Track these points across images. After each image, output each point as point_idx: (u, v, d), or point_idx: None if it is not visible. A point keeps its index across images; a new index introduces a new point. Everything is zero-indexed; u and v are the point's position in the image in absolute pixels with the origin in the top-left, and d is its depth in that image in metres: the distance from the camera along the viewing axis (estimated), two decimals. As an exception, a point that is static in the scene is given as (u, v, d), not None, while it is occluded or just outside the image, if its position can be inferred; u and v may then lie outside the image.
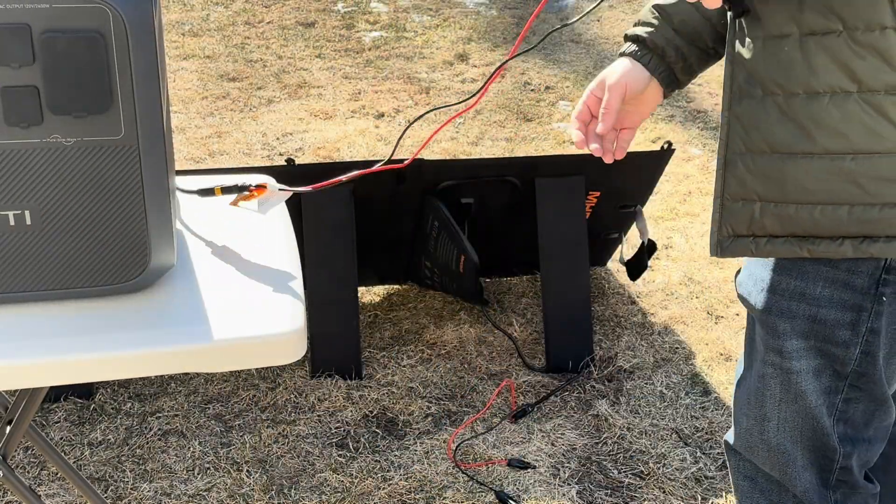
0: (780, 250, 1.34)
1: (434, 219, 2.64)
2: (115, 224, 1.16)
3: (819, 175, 1.28)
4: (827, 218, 1.29)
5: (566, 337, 2.70)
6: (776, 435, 1.46)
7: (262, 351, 1.17)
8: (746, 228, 1.36)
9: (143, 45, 1.08)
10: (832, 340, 1.37)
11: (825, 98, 1.26)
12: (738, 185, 1.35)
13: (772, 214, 1.33)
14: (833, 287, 1.34)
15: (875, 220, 1.26)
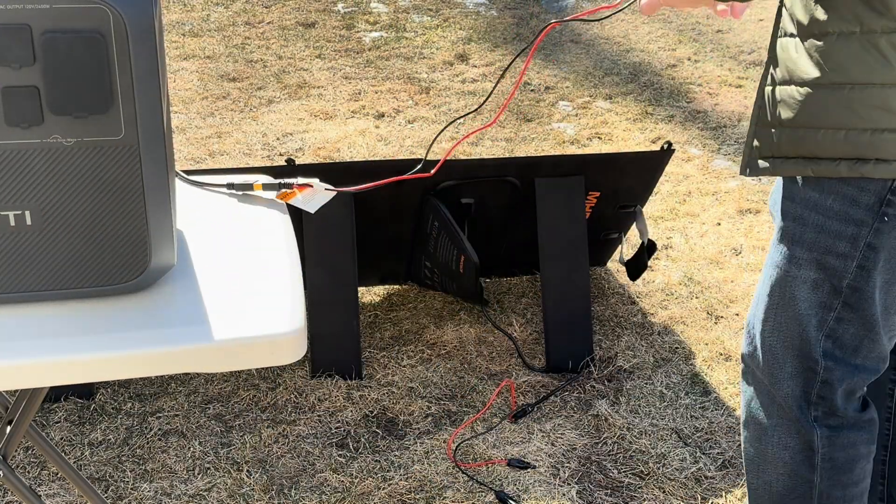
0: (791, 169, 1.53)
1: (434, 219, 2.64)
2: (115, 224, 1.16)
3: (823, 103, 1.46)
4: (828, 140, 1.47)
5: (566, 337, 2.70)
6: (769, 337, 1.61)
7: (262, 351, 1.17)
8: (768, 150, 1.55)
9: (144, 45, 1.08)
10: (832, 251, 1.52)
11: (832, 37, 1.45)
12: (769, 113, 1.54)
13: (787, 138, 1.51)
14: (843, 201, 1.49)
15: (866, 144, 1.44)
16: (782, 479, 1.67)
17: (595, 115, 4.29)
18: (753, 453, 1.71)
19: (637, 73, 4.76)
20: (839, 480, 1.63)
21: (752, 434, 1.71)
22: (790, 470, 1.65)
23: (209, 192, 1.50)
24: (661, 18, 5.39)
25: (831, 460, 1.62)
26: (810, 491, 1.64)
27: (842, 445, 1.62)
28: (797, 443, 1.63)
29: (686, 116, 4.32)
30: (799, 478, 1.65)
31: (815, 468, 1.63)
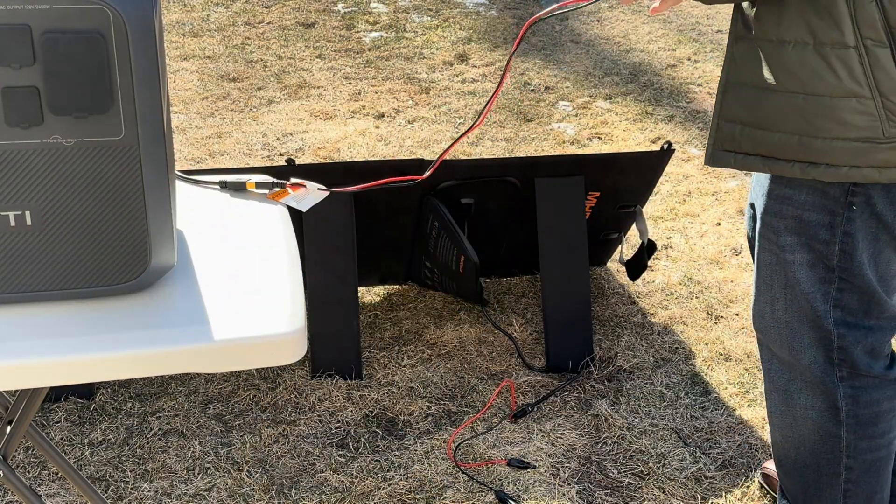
0: (751, 165, 1.63)
1: (434, 219, 2.64)
2: (115, 224, 1.16)
3: (779, 108, 1.56)
4: (783, 143, 1.57)
5: (566, 337, 2.70)
6: (784, 314, 1.74)
7: (262, 351, 1.18)
8: (730, 145, 1.64)
9: (144, 45, 1.08)
10: (816, 238, 1.65)
11: (790, 46, 1.53)
12: (728, 109, 1.63)
13: (747, 136, 1.61)
14: (814, 194, 1.62)
15: (817, 150, 1.54)
16: (812, 436, 1.80)
17: (595, 115, 4.29)
18: (781, 415, 1.84)
19: (637, 73, 4.76)
20: (865, 433, 1.76)
21: (778, 398, 1.83)
22: (818, 426, 1.78)
23: (209, 193, 1.50)
24: (661, 18, 5.39)
25: (855, 416, 1.75)
26: (839, 444, 1.78)
27: (865, 403, 1.74)
28: (822, 403, 1.76)
29: (686, 116, 4.32)
30: (827, 433, 1.78)
31: (841, 424, 1.76)
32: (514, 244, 2.88)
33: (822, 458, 1.81)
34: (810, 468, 1.84)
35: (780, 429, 1.87)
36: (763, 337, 1.83)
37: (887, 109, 1.50)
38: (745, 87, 1.60)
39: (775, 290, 1.74)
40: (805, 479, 1.86)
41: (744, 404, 2.54)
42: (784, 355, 1.79)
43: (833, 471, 1.80)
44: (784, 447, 1.88)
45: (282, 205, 1.49)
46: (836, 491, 1.82)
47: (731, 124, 1.64)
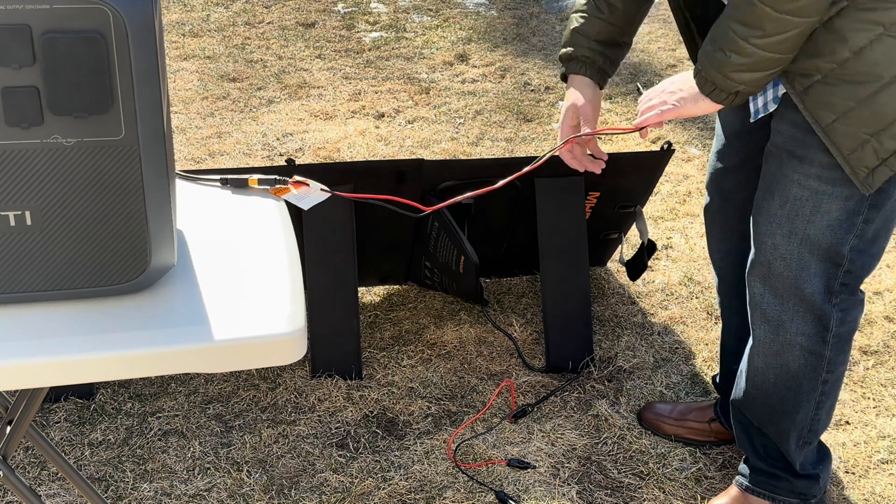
0: None
1: (434, 219, 2.64)
2: (115, 224, 1.16)
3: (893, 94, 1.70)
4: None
5: (566, 337, 2.70)
6: (799, 246, 1.86)
7: (263, 351, 1.18)
8: (876, 159, 1.75)
9: (143, 45, 1.08)
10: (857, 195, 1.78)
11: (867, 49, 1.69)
12: (849, 140, 1.75)
13: (888, 137, 1.73)
14: None
15: None
16: (798, 360, 1.96)
17: (595, 116, 4.28)
18: (768, 344, 1.98)
19: (637, 73, 4.76)
20: (843, 349, 1.96)
21: (768, 328, 1.97)
22: (807, 350, 1.95)
23: (209, 193, 1.50)
24: (661, 18, 5.39)
25: (838, 335, 1.94)
26: (822, 362, 1.95)
27: (849, 321, 1.94)
28: (813, 328, 1.92)
29: (686, 116, 4.32)
30: (814, 354, 1.95)
31: (826, 343, 1.94)
32: (514, 244, 2.88)
33: (804, 378, 1.98)
34: (790, 389, 2.00)
35: (763, 356, 2.01)
36: (763, 275, 1.94)
37: None
38: (850, 112, 1.72)
39: (797, 224, 1.86)
40: (782, 399, 2.02)
41: (744, 404, 2.55)
42: (782, 289, 1.92)
43: (812, 387, 1.98)
44: (763, 373, 2.03)
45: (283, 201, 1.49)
46: (811, 405, 2.01)
47: (862, 147, 1.74)
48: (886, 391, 2.58)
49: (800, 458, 2.08)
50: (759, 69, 1.73)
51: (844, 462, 2.34)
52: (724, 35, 1.74)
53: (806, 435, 2.05)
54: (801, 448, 2.07)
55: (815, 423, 2.04)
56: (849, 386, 2.61)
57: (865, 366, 2.69)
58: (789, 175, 1.86)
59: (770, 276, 1.94)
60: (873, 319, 2.88)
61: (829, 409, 2.05)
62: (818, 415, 2.03)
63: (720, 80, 1.77)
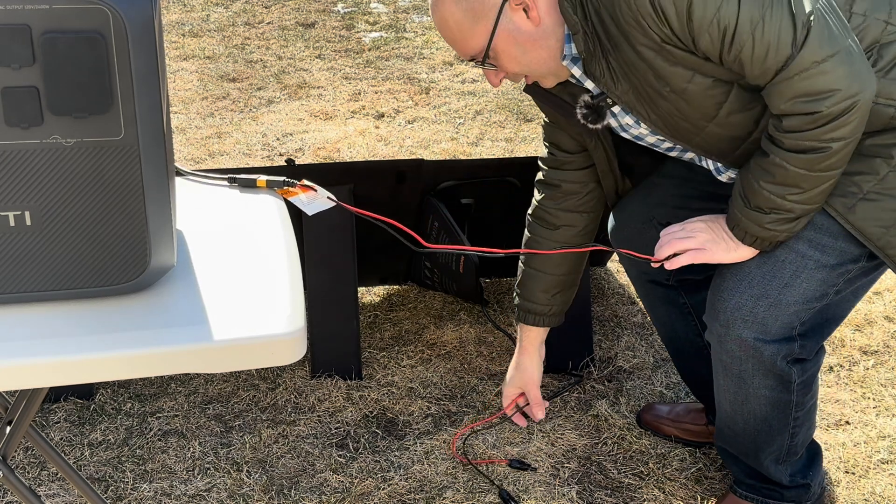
0: None
1: (434, 219, 2.64)
2: (115, 224, 1.16)
3: None
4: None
5: (566, 337, 2.70)
6: (764, 312, 1.83)
7: (262, 351, 1.18)
8: None
9: (143, 45, 1.08)
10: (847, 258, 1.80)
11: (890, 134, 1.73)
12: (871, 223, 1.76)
13: None
14: None
15: None
16: (764, 408, 1.96)
17: (595, 116, 4.29)
18: (732, 394, 1.97)
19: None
20: (808, 389, 1.97)
21: (731, 381, 1.95)
22: (771, 400, 1.95)
23: (209, 193, 1.50)
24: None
25: (802, 383, 1.94)
26: (789, 406, 1.96)
27: (809, 368, 1.94)
28: (775, 382, 1.92)
29: (686, 116, 4.32)
30: (778, 402, 1.95)
31: (792, 391, 1.94)
32: (514, 244, 2.88)
33: (774, 420, 1.98)
34: (760, 431, 2.00)
35: (730, 404, 2.00)
36: (729, 324, 1.89)
37: None
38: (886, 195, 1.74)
39: (771, 286, 1.83)
40: (754, 440, 2.02)
41: (744, 404, 2.55)
42: (740, 350, 1.89)
43: (783, 425, 1.99)
44: (733, 418, 2.02)
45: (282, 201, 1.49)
46: (785, 436, 2.01)
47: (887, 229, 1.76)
48: (886, 391, 2.59)
49: (786, 475, 2.07)
50: (802, 216, 1.75)
51: (844, 462, 2.34)
52: (758, 195, 1.74)
53: (786, 456, 2.05)
54: (784, 467, 2.06)
55: (791, 447, 2.03)
56: (849, 386, 2.61)
57: (865, 366, 2.69)
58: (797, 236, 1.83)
59: (727, 339, 1.89)
60: (873, 319, 2.88)
61: (805, 432, 2.04)
62: (794, 442, 2.03)
63: (761, 232, 1.78)
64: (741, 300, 1.85)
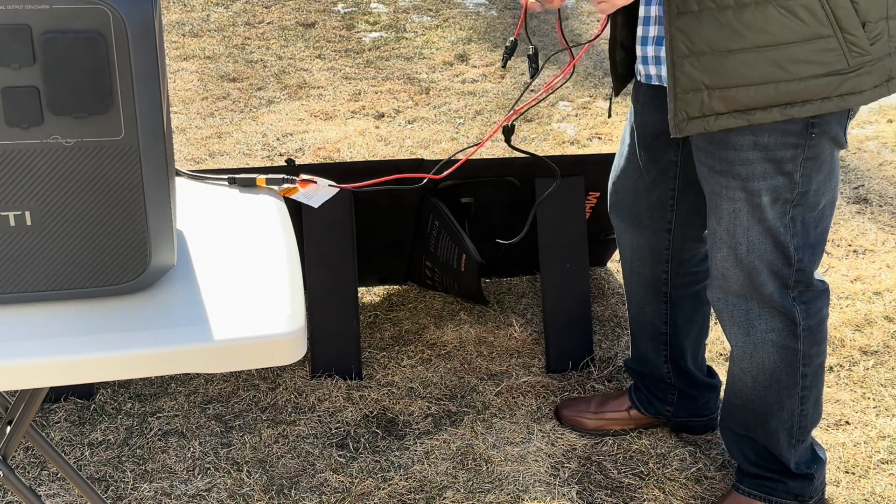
0: (726, 123, 1.78)
1: (434, 218, 2.64)
2: (115, 224, 1.16)
3: (751, 63, 1.73)
4: (760, 94, 1.74)
5: (566, 337, 2.70)
6: (748, 255, 1.91)
7: (262, 351, 1.18)
8: (698, 111, 1.78)
9: (143, 45, 1.08)
10: (782, 172, 1.83)
11: (751, 7, 1.70)
12: (687, 80, 1.77)
13: (718, 97, 1.76)
14: (778, 134, 1.80)
15: (792, 91, 1.74)
16: (773, 357, 2.00)
17: (595, 116, 4.29)
18: (741, 347, 2.02)
19: (637, 73, 4.76)
20: (815, 340, 2.00)
21: (739, 331, 2.01)
22: (779, 346, 1.99)
23: (209, 193, 1.50)
24: (661, 18, 5.39)
25: (809, 328, 1.98)
26: (796, 356, 1.99)
27: (814, 312, 1.98)
28: (781, 323, 1.97)
29: (686, 116, 4.32)
30: (786, 349, 1.99)
31: (798, 337, 1.98)
32: (515, 244, 2.88)
33: (782, 374, 2.01)
34: (769, 388, 2.04)
35: (738, 361, 2.05)
36: (722, 286, 1.98)
37: (849, 43, 1.72)
38: (703, 55, 1.74)
39: (738, 236, 1.90)
40: (764, 401, 2.05)
41: (744, 404, 2.55)
42: (742, 291, 1.96)
43: (792, 382, 2.02)
44: (741, 379, 2.07)
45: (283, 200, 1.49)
46: (794, 400, 2.04)
47: (693, 93, 1.77)
48: (886, 391, 2.59)
49: (793, 456, 2.10)
50: None
51: (844, 462, 2.34)
52: None
53: (796, 432, 2.07)
54: (793, 447, 2.09)
55: (802, 419, 2.06)
56: (849, 386, 2.61)
57: (865, 366, 2.69)
58: (717, 191, 1.91)
59: (728, 286, 1.97)
60: (873, 319, 2.88)
61: (814, 403, 2.07)
62: (804, 410, 2.06)
63: None
64: (724, 254, 1.94)
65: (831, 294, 2.99)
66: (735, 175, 1.86)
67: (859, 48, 1.73)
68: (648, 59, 1.97)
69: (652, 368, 2.39)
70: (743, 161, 1.84)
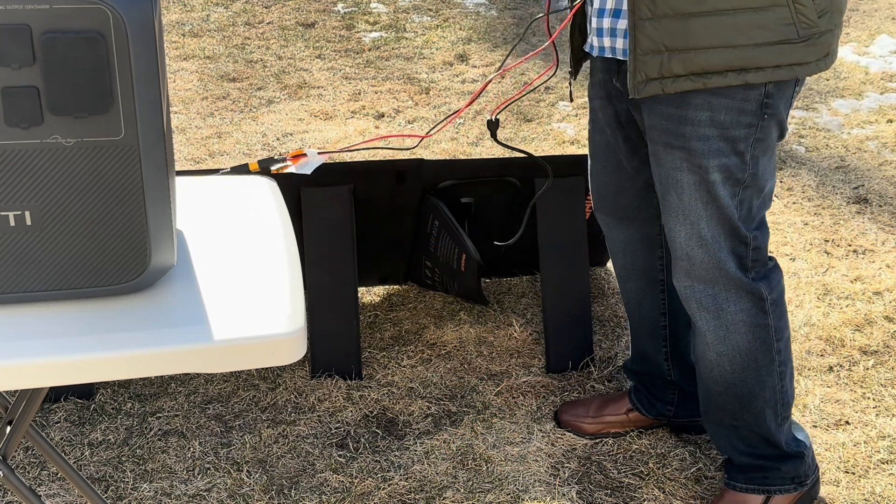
0: (683, 85, 1.83)
1: (434, 218, 2.64)
2: (115, 224, 1.16)
3: (710, 27, 1.78)
4: (717, 57, 1.80)
5: (566, 337, 2.70)
6: (709, 230, 1.95)
7: (262, 351, 1.18)
8: (657, 72, 1.83)
9: (143, 45, 1.08)
10: (735, 151, 1.89)
11: None
12: (648, 41, 1.81)
13: (677, 59, 1.81)
14: (733, 113, 1.86)
15: (749, 57, 1.80)
16: (747, 336, 2.04)
17: (595, 116, 4.29)
18: (714, 332, 2.05)
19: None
20: (780, 314, 2.06)
21: (710, 317, 2.04)
22: (751, 325, 2.03)
23: (209, 193, 1.50)
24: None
25: (774, 302, 2.04)
26: (769, 332, 2.04)
27: (775, 286, 2.04)
28: (749, 302, 2.01)
29: (686, 116, 4.32)
30: (759, 327, 2.04)
31: (767, 313, 2.03)
32: (514, 244, 2.88)
33: (759, 353, 2.06)
34: (748, 369, 2.07)
35: (713, 346, 2.07)
36: (686, 269, 2.01)
37: (799, 13, 1.79)
38: (665, 18, 1.79)
39: (699, 211, 1.94)
40: (745, 383, 2.08)
41: (744, 404, 2.55)
42: (708, 275, 2.00)
43: (769, 359, 2.07)
44: (719, 364, 2.09)
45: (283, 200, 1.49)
46: (774, 378, 2.08)
47: (653, 55, 1.82)
48: (886, 391, 2.59)
49: (783, 436, 2.13)
50: None
51: (844, 462, 2.34)
52: None
53: (780, 409, 2.11)
54: (780, 425, 2.12)
55: (783, 395, 2.10)
56: (849, 386, 2.61)
57: (865, 366, 2.69)
58: (676, 165, 1.94)
59: (693, 268, 2.00)
60: (873, 319, 2.88)
61: (790, 378, 2.12)
62: (783, 385, 2.10)
63: None
64: (688, 231, 1.98)
65: (831, 294, 2.99)
66: (691, 151, 1.90)
67: (808, 19, 1.80)
68: (604, 31, 1.99)
69: (652, 367, 2.38)
70: (700, 137, 1.88)
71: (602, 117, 2.14)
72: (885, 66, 4.81)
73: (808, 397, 2.56)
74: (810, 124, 4.20)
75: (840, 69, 4.78)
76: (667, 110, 1.90)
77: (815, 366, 2.68)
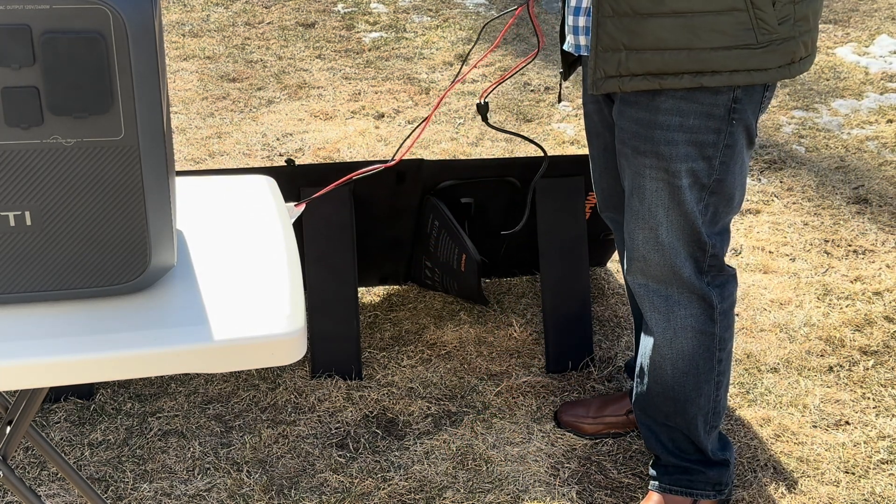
0: (640, 84, 1.85)
1: (434, 218, 2.64)
2: (115, 224, 1.16)
3: (667, 28, 1.79)
4: (673, 59, 1.80)
5: (566, 337, 2.70)
6: (668, 235, 1.97)
7: (262, 351, 1.18)
8: (615, 70, 1.84)
9: (143, 45, 1.08)
10: (702, 156, 1.90)
11: None
12: (608, 39, 1.83)
13: (634, 59, 1.82)
14: (702, 117, 1.87)
15: (705, 60, 1.80)
16: (692, 342, 2.06)
17: (595, 116, 4.29)
18: (661, 334, 2.07)
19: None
20: (728, 324, 2.08)
21: (660, 318, 2.06)
22: (698, 331, 2.05)
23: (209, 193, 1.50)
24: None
25: (723, 311, 2.06)
26: (713, 340, 2.07)
27: (727, 296, 2.06)
28: (699, 308, 2.04)
29: (686, 116, 4.32)
30: (705, 334, 2.06)
31: (715, 321, 2.05)
32: (514, 244, 2.88)
33: (700, 360, 2.08)
34: (688, 374, 2.09)
35: (659, 349, 2.10)
36: (642, 269, 2.03)
37: (759, 19, 1.79)
38: (625, 17, 1.80)
39: (659, 216, 1.96)
40: (683, 387, 2.10)
41: (743, 404, 2.54)
42: (662, 276, 2.02)
43: (709, 367, 2.09)
44: (661, 365, 2.11)
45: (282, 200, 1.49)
46: (711, 386, 2.11)
47: (612, 53, 1.83)
48: (886, 391, 2.59)
49: (709, 443, 2.15)
50: None
51: (844, 462, 2.34)
52: None
53: (711, 419, 2.13)
54: (708, 434, 2.14)
55: (717, 404, 2.13)
56: (849, 386, 2.61)
57: (865, 366, 2.69)
58: (640, 171, 1.95)
59: (648, 268, 2.02)
60: (873, 319, 2.88)
61: (726, 389, 2.15)
62: (718, 395, 2.13)
63: None
64: (646, 234, 1.99)
65: (831, 294, 2.99)
66: (659, 155, 1.90)
67: (768, 25, 1.79)
68: (579, 30, 2.00)
69: None
70: (668, 141, 1.89)
71: (598, 120, 2.15)
72: (885, 66, 4.81)
73: (808, 397, 2.56)
74: (810, 124, 4.20)
75: (840, 69, 4.78)
76: (637, 114, 1.91)
77: (815, 366, 2.68)
